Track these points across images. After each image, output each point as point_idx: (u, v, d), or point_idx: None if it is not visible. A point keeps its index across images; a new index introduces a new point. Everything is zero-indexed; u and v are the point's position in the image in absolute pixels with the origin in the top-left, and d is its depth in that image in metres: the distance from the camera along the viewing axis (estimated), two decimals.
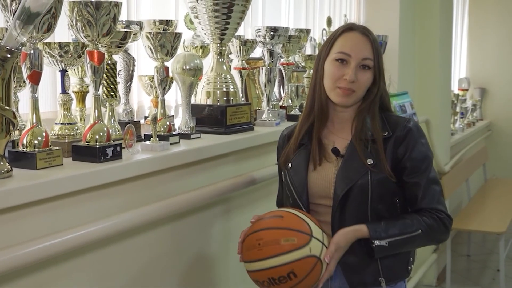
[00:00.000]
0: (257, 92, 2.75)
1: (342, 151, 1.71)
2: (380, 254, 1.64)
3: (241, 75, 2.54)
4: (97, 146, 1.58)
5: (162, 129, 1.92)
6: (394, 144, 1.68)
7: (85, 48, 1.63)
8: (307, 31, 2.95)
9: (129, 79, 2.00)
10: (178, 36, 1.96)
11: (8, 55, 1.34)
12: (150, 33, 1.91)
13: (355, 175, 1.65)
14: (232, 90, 2.24)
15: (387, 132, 1.69)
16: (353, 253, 1.66)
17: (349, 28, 1.72)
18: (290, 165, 1.77)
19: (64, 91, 1.72)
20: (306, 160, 1.74)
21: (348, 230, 1.64)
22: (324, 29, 3.45)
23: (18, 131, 1.60)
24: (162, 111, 1.97)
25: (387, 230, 1.62)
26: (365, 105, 1.72)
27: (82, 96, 1.90)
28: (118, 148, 1.63)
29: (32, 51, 1.46)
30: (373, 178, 1.65)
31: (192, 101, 2.14)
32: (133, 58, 2.01)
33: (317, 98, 1.74)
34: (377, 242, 1.61)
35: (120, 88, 1.97)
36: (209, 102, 2.21)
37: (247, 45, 2.50)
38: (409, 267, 1.75)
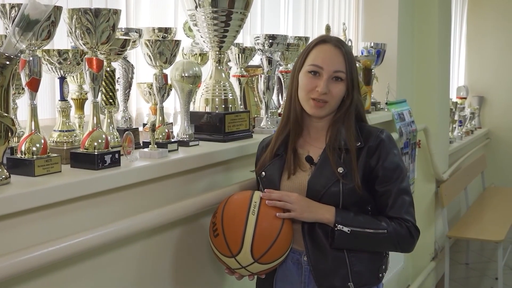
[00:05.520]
0: (255, 100, 2.76)
1: (316, 159, 1.74)
2: (340, 241, 1.66)
3: (240, 83, 2.54)
4: (96, 153, 1.57)
5: (160, 136, 1.92)
6: (367, 154, 1.72)
7: (84, 55, 1.63)
8: (306, 39, 2.95)
9: (128, 86, 2.00)
10: (177, 43, 1.96)
11: (7, 62, 1.35)
12: (149, 40, 1.91)
13: (326, 182, 1.69)
14: (231, 97, 2.24)
15: (359, 142, 1.73)
16: (324, 258, 1.70)
17: (322, 40, 1.76)
18: (263, 173, 1.82)
19: (63, 98, 1.72)
20: (280, 170, 1.78)
21: (316, 202, 1.69)
22: None
23: (16, 138, 1.60)
24: (160, 118, 1.97)
25: (353, 219, 1.66)
26: (339, 116, 1.76)
27: (80, 103, 1.90)
28: (117, 155, 1.62)
29: (31, 58, 1.46)
30: (344, 187, 1.68)
31: (191, 109, 2.14)
32: (132, 65, 2.01)
33: (292, 109, 1.79)
34: (339, 227, 1.64)
35: (119, 95, 1.97)
36: (208, 109, 2.21)
37: (246, 52, 2.51)
38: (380, 275, 1.78)
